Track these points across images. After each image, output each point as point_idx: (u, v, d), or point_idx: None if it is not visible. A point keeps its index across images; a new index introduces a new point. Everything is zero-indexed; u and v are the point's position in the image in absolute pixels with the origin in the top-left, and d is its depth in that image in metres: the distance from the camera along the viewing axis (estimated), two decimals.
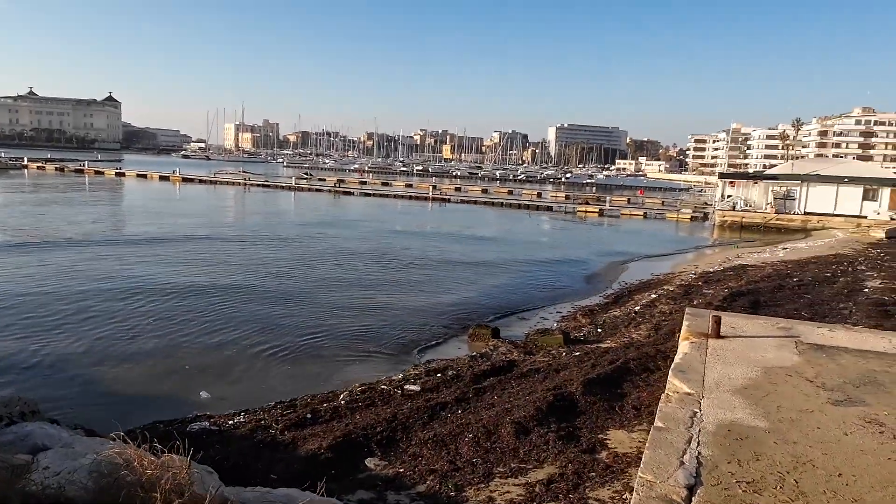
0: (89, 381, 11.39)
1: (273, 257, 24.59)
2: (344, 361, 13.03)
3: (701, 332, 11.82)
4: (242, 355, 13.06)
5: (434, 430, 8.74)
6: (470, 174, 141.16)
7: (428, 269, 23.87)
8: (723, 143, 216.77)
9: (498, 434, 8.51)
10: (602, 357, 12.34)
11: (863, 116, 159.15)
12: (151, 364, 12.29)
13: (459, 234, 36.81)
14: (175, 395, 10.89)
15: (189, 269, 21.30)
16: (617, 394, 10.33)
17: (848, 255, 29.28)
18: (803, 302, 18.45)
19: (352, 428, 8.69)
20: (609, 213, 56.37)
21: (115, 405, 10.37)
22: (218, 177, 76.58)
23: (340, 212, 49.92)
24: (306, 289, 19.43)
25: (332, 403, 9.90)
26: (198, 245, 26.27)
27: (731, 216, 47.25)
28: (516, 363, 12.25)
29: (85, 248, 24.39)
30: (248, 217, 40.90)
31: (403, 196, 66.63)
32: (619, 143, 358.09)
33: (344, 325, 15.60)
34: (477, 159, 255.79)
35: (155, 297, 17.09)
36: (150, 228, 31.74)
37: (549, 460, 7.80)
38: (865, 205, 44.29)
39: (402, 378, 11.41)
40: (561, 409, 9.43)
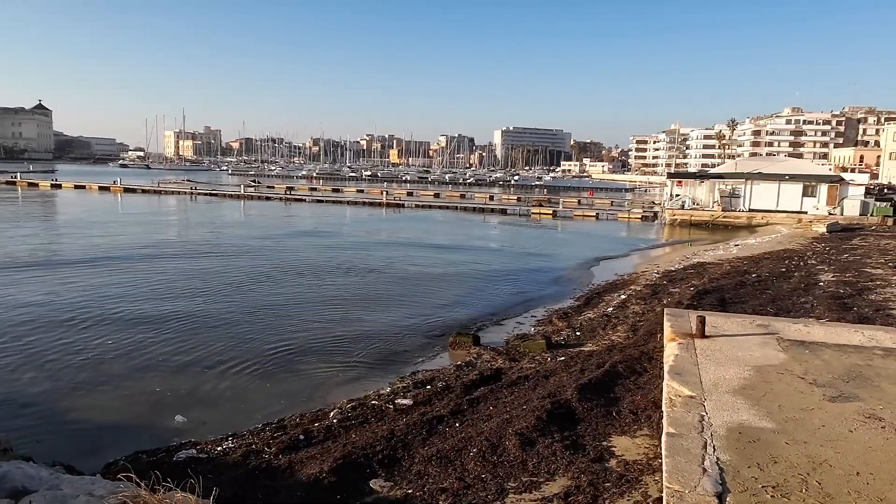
0: (49, 412, 10.57)
1: (233, 271, 23.63)
2: (324, 376, 12.59)
3: (685, 332, 11.95)
4: (214, 375, 12.43)
5: (436, 446, 8.47)
6: (420, 178, 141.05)
7: (394, 278, 23.46)
8: (663, 144, 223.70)
9: (503, 447, 8.31)
10: (587, 361, 12.31)
11: (792, 116, 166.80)
12: (116, 389, 11.51)
13: (420, 240, 36.49)
14: (148, 422, 10.24)
15: (145, 288, 20.22)
16: (611, 398, 10.28)
17: (796, 249, 30.42)
18: (766, 297, 18.94)
19: (350, 448, 8.33)
20: (562, 215, 57.12)
21: (83, 436, 9.70)
22: (162, 186, 73.91)
23: (294, 220, 48.74)
24: (271, 302, 18.74)
25: (324, 422, 9.50)
26: (151, 262, 24.92)
27: (680, 215, 48.55)
28: (503, 371, 12.10)
29: (31, 270, 22.91)
30: (199, 229, 39.25)
31: (357, 202, 65.81)
32: (563, 145, 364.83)
33: (317, 338, 15.10)
34: (425, 163, 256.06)
35: (111, 319, 16.10)
36: (97, 243, 30.17)
37: (559, 472, 7.64)
38: (805, 201, 46.26)
39: (390, 392, 11.08)
40: (560, 418, 9.31)
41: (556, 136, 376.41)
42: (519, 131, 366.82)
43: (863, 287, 20.16)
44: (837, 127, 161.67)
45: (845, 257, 27.55)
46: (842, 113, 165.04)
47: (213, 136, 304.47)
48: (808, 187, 46.25)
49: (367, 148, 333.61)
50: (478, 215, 57.74)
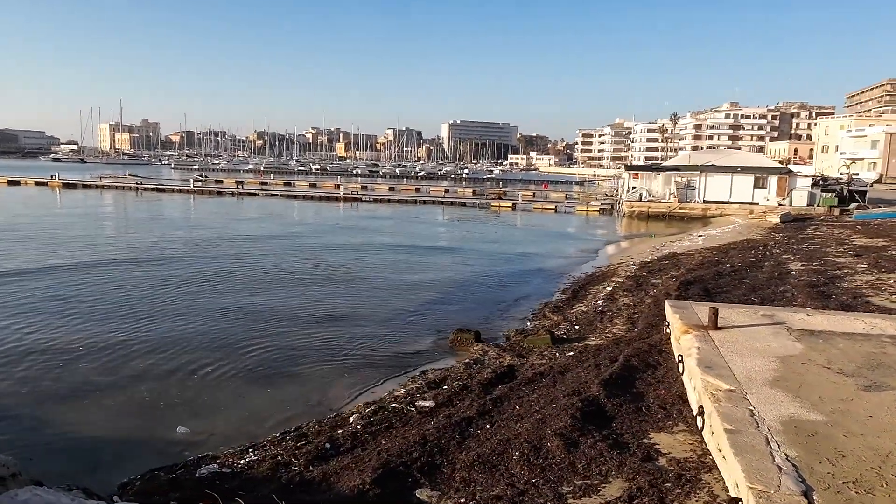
0: (35, 428, 9.64)
1: (206, 273, 22.45)
2: (326, 379, 12.01)
3: (696, 323, 11.91)
4: (208, 381, 11.69)
5: (474, 451, 8.10)
6: (370, 172, 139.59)
7: (373, 276, 22.70)
8: (608, 138, 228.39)
9: (546, 448, 8.00)
10: (599, 355, 12.15)
11: (731, 111, 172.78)
12: (106, 401, 10.62)
13: (388, 234, 35.87)
14: (146, 435, 9.48)
15: (110, 292, 18.95)
16: (635, 393, 10.11)
17: (758, 240, 31.29)
18: (745, 287, 19.28)
19: (386, 457, 7.87)
20: (521, 208, 57.37)
21: (81, 453, 8.88)
22: (104, 181, 70.44)
23: (252, 215, 47.02)
24: (247, 304, 17.81)
25: (347, 429, 8.98)
26: (106, 269, 22.85)
27: (638, 207, 49.42)
28: (516, 368, 11.81)
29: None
30: (154, 227, 37.25)
31: (313, 197, 64.38)
32: (510, 138, 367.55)
33: (309, 340, 14.45)
34: (372, 157, 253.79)
35: (86, 325, 15.01)
36: (48, 249, 28.25)
37: (612, 473, 7.38)
38: (756, 192, 47.76)
39: (406, 393, 10.63)
40: (592, 415, 9.07)
41: (502, 129, 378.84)
42: (466, 125, 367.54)
43: (833, 275, 20.78)
44: (773, 121, 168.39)
45: (805, 246, 28.47)
46: (776, 108, 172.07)
47: (152, 129, 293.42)
48: (760, 179, 47.80)
49: (313, 141, 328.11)
50: (437, 208, 57.34)
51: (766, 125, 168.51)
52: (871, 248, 26.73)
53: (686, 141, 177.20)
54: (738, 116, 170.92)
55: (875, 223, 36.94)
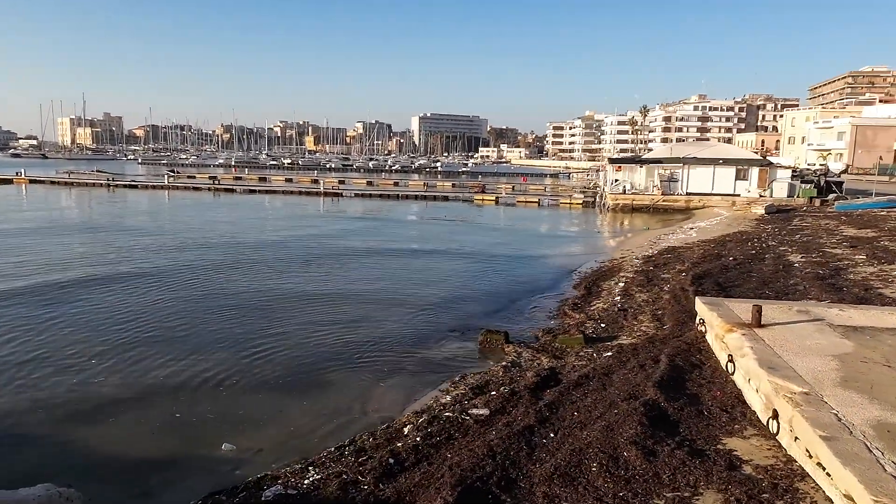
0: (73, 453, 8.90)
1: (210, 277, 21.27)
2: (362, 386, 11.54)
3: (737, 321, 11.76)
4: (237, 392, 11.10)
5: (548, 462, 7.77)
6: (344, 166, 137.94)
7: (376, 278, 22.09)
8: (579, 130, 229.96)
9: (623, 458, 7.72)
10: (638, 355, 11.92)
11: (699, 103, 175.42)
12: (135, 419, 9.91)
13: (380, 232, 35.26)
14: (192, 454, 8.91)
15: (113, 301, 17.93)
16: (690, 395, 9.90)
17: (750, 232, 31.58)
18: (755, 280, 19.32)
19: (460, 472, 7.48)
20: (504, 202, 57.20)
21: (129, 479, 8.24)
22: (74, 177, 68.04)
23: (237, 213, 45.51)
24: (260, 308, 17.08)
25: (407, 441, 8.57)
26: (104, 277, 21.59)
27: (622, 199, 49.63)
28: (557, 370, 11.51)
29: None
30: (132, 226, 35.81)
31: (293, 192, 63.18)
32: (480, 131, 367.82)
33: (332, 344, 13.93)
34: (343, 150, 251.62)
35: (95, 337, 14.18)
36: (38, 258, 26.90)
37: (701, 484, 7.12)
38: (738, 184, 48.33)
39: (452, 400, 10.25)
40: (657, 420, 8.82)
41: (472, 122, 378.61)
42: (436, 118, 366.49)
43: (836, 267, 20.98)
44: (739, 113, 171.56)
45: (798, 238, 28.80)
46: (743, 100, 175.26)
47: (115, 123, 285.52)
48: (741, 171, 48.37)
49: (281, 135, 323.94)
50: (420, 203, 56.81)
51: (733, 117, 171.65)
52: (863, 239, 27.14)
53: (656, 133, 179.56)
54: (706, 109, 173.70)
55: (857, 213, 37.63)
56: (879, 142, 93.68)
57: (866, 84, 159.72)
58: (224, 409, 10.23)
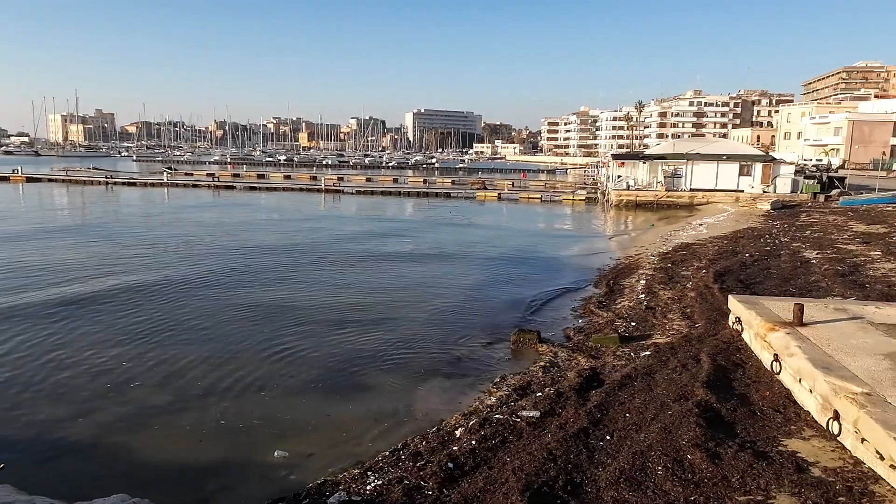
0: (124, 463, 8.66)
1: (233, 277, 20.77)
2: (403, 388, 11.40)
3: (778, 320, 11.68)
4: (279, 396, 10.86)
5: (611, 466, 7.67)
6: (340, 163, 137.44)
7: (396, 277, 21.72)
8: (574, 126, 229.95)
9: (687, 461, 7.63)
10: (677, 355, 11.84)
11: (695, 98, 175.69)
12: (181, 427, 9.63)
13: (387, 229, 35.02)
14: (245, 460, 8.71)
15: (141, 303, 17.62)
16: (738, 395, 9.83)
17: (759, 228, 31.58)
18: (776, 277, 19.29)
19: (525, 477, 7.38)
20: (507, 198, 57.10)
21: (187, 487, 8.04)
22: (72, 175, 67.38)
23: (245, 213, 44.16)
24: (288, 309, 16.71)
25: (462, 445, 8.45)
26: (125, 281, 20.96)
27: (626, 195, 49.57)
28: (598, 370, 11.41)
29: None
30: (145, 229, 34.76)
31: (293, 189, 62.85)
32: (474, 127, 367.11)
33: (363, 345, 13.75)
34: (337, 147, 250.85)
35: (126, 343, 13.88)
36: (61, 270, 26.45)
37: (772, 487, 7.04)
38: (741, 180, 48.38)
39: (498, 402, 10.14)
40: (712, 421, 8.74)
41: (467, 118, 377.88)
42: (430, 113, 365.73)
43: (853, 263, 20.98)
44: (735, 109, 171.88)
45: (808, 234, 28.83)
46: (738, 95, 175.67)
47: (107, 119, 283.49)
48: (745, 167, 48.44)
49: (275, 131, 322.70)
50: (422, 199, 56.63)
51: (728, 112, 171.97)
52: (874, 235, 27.17)
53: (651, 129, 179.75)
54: (701, 104, 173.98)
55: (863, 209, 37.74)
56: (876, 137, 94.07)
57: (860, 79, 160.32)
58: (269, 414, 10.05)
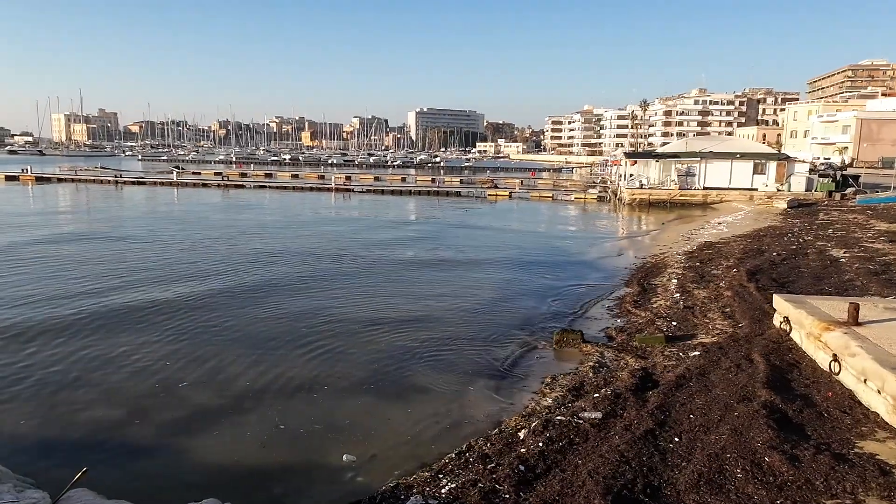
0: (188, 466, 8.47)
1: (276, 277, 20.55)
2: (454, 389, 11.26)
3: (832, 320, 11.52)
4: (333, 398, 10.65)
5: (687, 468, 7.54)
6: (345, 162, 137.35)
7: (420, 278, 21.42)
8: (578, 125, 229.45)
9: (766, 463, 7.49)
10: (727, 355, 11.69)
11: (700, 97, 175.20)
12: (240, 430, 9.46)
13: (409, 232, 34.79)
14: (312, 464, 8.54)
15: (177, 303, 17.51)
16: (800, 396, 9.70)
17: (780, 226, 31.41)
18: (808, 276, 19.14)
19: (602, 480, 7.25)
20: (518, 196, 56.92)
21: (258, 492, 7.89)
22: (81, 174, 67.28)
23: (264, 214, 43.31)
24: (325, 309, 16.45)
25: (530, 447, 8.31)
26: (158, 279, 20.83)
27: (639, 194, 49.40)
28: (649, 370, 11.27)
29: None
30: (170, 232, 33.64)
31: (303, 188, 62.71)
32: (477, 126, 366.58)
33: (404, 345, 13.60)
34: (340, 146, 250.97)
35: (173, 345, 13.67)
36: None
37: (859, 490, 6.90)
38: (755, 178, 48.18)
39: (554, 403, 10.02)
40: (782, 423, 8.61)
41: (469, 117, 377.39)
42: (433, 112, 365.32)
43: (884, 262, 20.81)
44: (740, 107, 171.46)
45: (831, 232, 28.65)
46: (743, 94, 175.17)
47: (110, 119, 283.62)
48: (759, 165, 48.24)
49: (278, 131, 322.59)
50: (433, 199, 56.47)
51: (733, 111, 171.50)
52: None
53: (656, 127, 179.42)
54: (706, 102, 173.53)
55: (881, 207, 37.51)
56: (884, 135, 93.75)
57: (866, 77, 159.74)
58: (327, 417, 9.90)
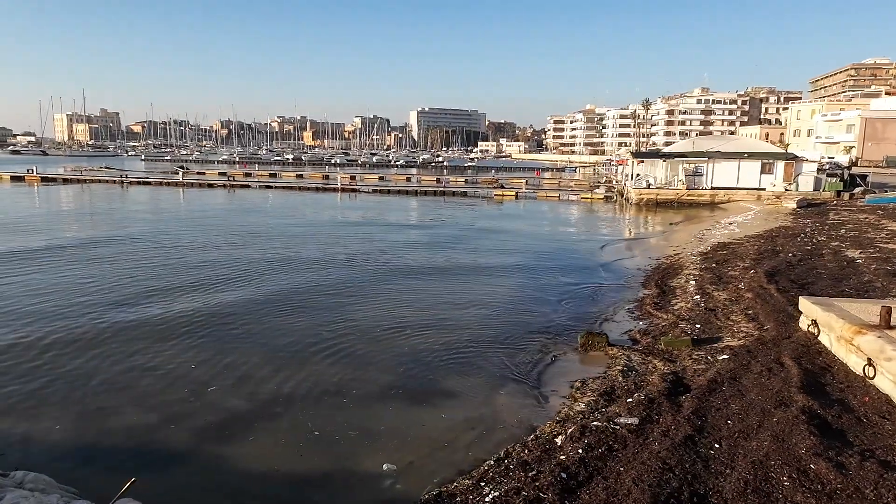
0: (228, 474, 8.38)
1: (293, 279, 20.45)
2: (481, 393, 11.17)
3: (863, 323, 11.43)
4: (362, 403, 10.49)
5: (731, 476, 7.48)
6: (348, 162, 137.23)
7: (434, 277, 21.28)
8: (580, 124, 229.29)
9: (812, 471, 7.41)
10: (756, 358, 11.60)
11: (702, 96, 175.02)
12: (273, 436, 9.36)
13: (412, 229, 34.70)
14: (350, 473, 8.42)
15: (203, 306, 17.58)
16: (837, 401, 9.62)
17: (791, 227, 31.30)
18: (827, 277, 19.04)
19: (649, 489, 7.16)
20: (524, 196, 56.82)
21: (294, 499, 7.83)
22: (85, 175, 67.22)
23: (277, 217, 42.18)
24: (345, 311, 16.36)
25: (569, 454, 8.23)
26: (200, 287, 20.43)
27: (646, 194, 49.30)
28: (679, 375, 11.18)
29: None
30: (191, 235, 32.82)
31: (309, 188, 62.62)
32: (479, 125, 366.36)
33: (425, 350, 13.49)
34: (342, 145, 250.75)
35: (191, 345, 13.69)
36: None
37: None
38: (763, 178, 48.08)
39: (587, 408, 9.93)
40: (823, 429, 8.52)
41: (471, 116, 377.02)
42: (435, 112, 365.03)
43: None
44: (742, 106, 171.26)
45: (843, 232, 28.55)
46: (746, 93, 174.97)
47: (112, 119, 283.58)
48: (767, 164, 48.13)
49: (279, 130, 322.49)
50: (439, 199, 56.37)
51: (735, 110, 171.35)
52: None
53: (659, 126, 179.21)
54: (709, 102, 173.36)
55: (891, 207, 37.41)
56: (889, 134, 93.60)
57: (869, 76, 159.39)
58: (360, 423, 9.78)
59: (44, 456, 8.20)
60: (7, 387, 10.76)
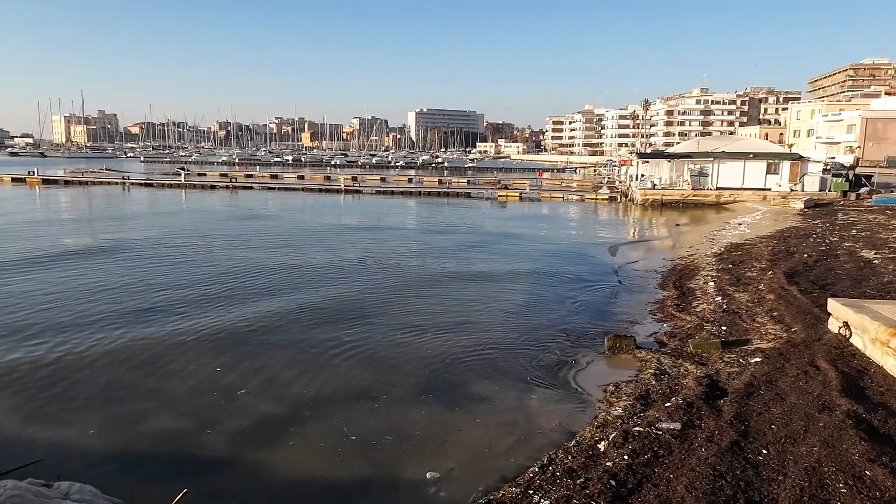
0: (267, 475, 8.22)
1: (313, 282, 20.31)
2: (514, 397, 11.00)
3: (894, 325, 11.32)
4: (396, 407, 10.30)
5: (784, 483, 7.32)
6: (349, 163, 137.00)
7: (451, 282, 20.80)
8: (579, 125, 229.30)
9: (868, 478, 7.26)
10: (791, 362, 11.46)
11: (701, 97, 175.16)
12: (311, 443, 9.17)
13: (422, 232, 34.47)
14: (394, 481, 8.25)
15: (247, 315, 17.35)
16: (879, 405, 9.47)
17: (802, 227, 31.22)
18: (847, 278, 18.93)
19: (703, 496, 7.02)
20: (528, 198, 56.67)
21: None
22: (88, 177, 66.88)
23: (273, 217, 42.23)
24: (367, 312, 16.25)
25: (616, 461, 8.08)
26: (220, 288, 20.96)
27: (651, 195, 49.23)
28: (713, 378, 11.04)
29: None
30: (186, 230, 33.23)
31: (311, 189, 62.41)
32: (477, 126, 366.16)
33: (449, 353, 13.31)
34: (341, 146, 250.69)
35: (224, 355, 13.53)
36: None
37: None
38: (769, 178, 48.02)
39: (625, 413, 9.78)
40: (871, 433, 8.38)
41: (469, 117, 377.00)
42: (433, 113, 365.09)
43: None
44: (742, 107, 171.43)
45: (854, 233, 28.48)
46: (745, 93, 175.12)
47: (110, 120, 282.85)
48: (772, 165, 48.09)
49: (277, 131, 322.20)
50: (443, 200, 56.21)
51: (735, 110, 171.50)
52: None
53: (658, 127, 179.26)
54: (708, 102, 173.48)
55: None
56: (890, 134, 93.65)
57: (867, 76, 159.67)
58: (394, 428, 9.59)
59: (80, 462, 8.01)
60: (41, 394, 10.58)
